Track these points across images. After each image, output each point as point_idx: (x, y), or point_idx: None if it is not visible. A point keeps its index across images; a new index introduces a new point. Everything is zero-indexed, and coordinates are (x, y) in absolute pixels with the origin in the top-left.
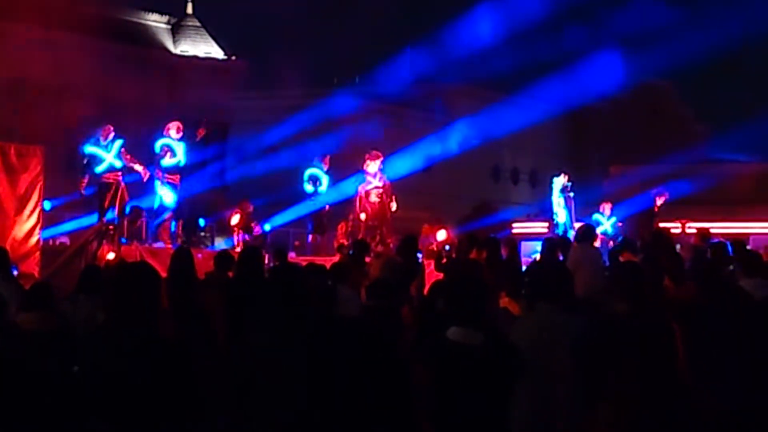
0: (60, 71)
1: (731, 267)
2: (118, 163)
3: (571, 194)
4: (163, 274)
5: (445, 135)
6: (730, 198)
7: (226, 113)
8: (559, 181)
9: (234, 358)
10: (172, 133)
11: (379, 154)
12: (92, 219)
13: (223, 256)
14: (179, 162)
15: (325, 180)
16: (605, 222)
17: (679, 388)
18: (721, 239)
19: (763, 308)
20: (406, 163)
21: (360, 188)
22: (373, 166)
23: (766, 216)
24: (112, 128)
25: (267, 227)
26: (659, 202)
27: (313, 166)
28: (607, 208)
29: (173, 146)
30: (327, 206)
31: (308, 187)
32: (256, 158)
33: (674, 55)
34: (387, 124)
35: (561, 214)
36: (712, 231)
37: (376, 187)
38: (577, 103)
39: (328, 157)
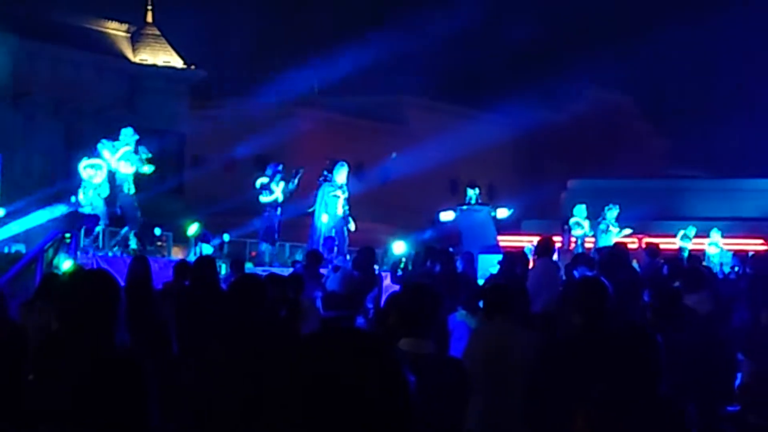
0: (18, 77)
1: (676, 283)
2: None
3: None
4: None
5: (403, 148)
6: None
7: (184, 122)
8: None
9: (188, 370)
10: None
11: (346, 164)
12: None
13: (183, 265)
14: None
15: (277, 189)
16: (585, 225)
17: (650, 399)
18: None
19: (708, 323)
20: (364, 176)
21: (323, 194)
22: (340, 176)
23: None
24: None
25: (226, 237)
26: (612, 216)
27: (264, 176)
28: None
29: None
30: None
31: (262, 198)
32: (214, 167)
33: (633, 71)
34: (346, 136)
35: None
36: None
37: (335, 195)
38: (536, 118)
39: (281, 167)
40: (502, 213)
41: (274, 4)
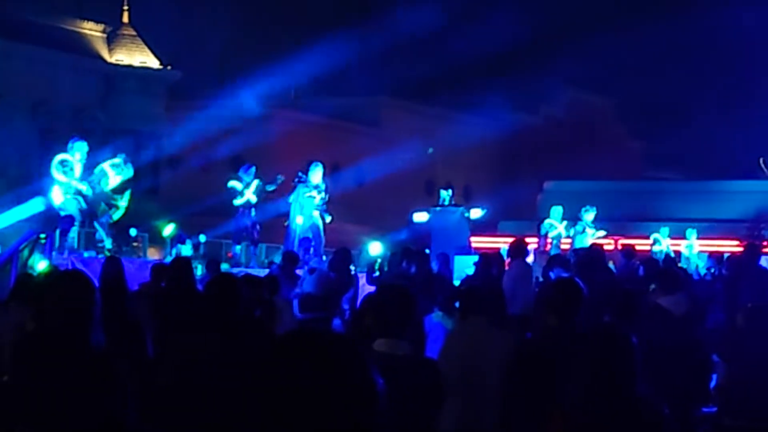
0: None
1: (652, 286)
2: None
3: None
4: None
5: (379, 150)
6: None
7: (160, 122)
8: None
9: (164, 372)
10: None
11: (320, 164)
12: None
13: (160, 267)
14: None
15: (248, 192)
16: (558, 225)
17: (626, 399)
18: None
19: (683, 324)
20: (340, 177)
21: (297, 195)
22: (315, 176)
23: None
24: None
25: (202, 238)
26: (589, 218)
27: (234, 179)
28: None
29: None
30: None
31: (235, 201)
32: (189, 168)
33: (608, 72)
34: (322, 138)
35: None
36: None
37: (311, 196)
38: (512, 120)
39: (253, 169)
40: (476, 213)
41: (251, 5)
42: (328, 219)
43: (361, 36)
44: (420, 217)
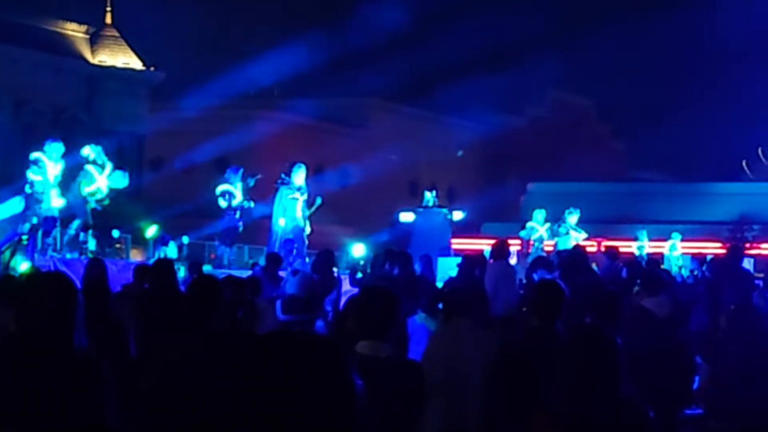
0: None
1: (636, 288)
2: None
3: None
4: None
5: (364, 151)
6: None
7: (143, 123)
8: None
9: (147, 373)
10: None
11: (303, 165)
12: None
13: (143, 268)
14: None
15: (239, 194)
16: (540, 228)
17: (611, 400)
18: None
19: (666, 326)
20: (324, 178)
21: (280, 196)
22: (298, 177)
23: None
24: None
25: (185, 240)
26: (572, 220)
27: (225, 182)
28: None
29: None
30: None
31: (222, 203)
32: (173, 169)
33: (592, 74)
34: (307, 139)
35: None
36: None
37: (294, 198)
38: (496, 121)
39: (241, 171)
40: (458, 215)
41: (235, 6)
42: (308, 230)
43: (346, 37)
44: (406, 217)
